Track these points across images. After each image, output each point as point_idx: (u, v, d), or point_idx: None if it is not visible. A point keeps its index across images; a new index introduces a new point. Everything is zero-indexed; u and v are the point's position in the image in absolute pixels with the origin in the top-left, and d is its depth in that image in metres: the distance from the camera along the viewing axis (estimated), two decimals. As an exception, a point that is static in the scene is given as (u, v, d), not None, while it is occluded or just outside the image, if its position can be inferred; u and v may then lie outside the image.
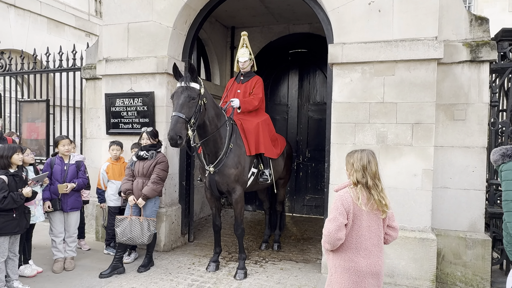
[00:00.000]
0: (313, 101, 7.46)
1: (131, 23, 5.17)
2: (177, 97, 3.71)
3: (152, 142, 4.41)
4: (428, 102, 3.97)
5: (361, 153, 2.41)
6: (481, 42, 4.03)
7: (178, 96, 3.70)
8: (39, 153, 6.25)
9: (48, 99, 6.25)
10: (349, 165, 2.43)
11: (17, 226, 3.65)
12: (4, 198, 3.48)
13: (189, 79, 3.76)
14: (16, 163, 3.68)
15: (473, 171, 4.08)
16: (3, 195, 3.48)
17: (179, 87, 3.77)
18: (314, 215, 7.29)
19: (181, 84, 3.76)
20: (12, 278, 3.76)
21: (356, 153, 2.42)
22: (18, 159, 3.69)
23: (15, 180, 3.64)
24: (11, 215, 3.58)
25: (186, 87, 3.72)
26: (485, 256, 3.98)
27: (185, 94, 3.68)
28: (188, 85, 3.73)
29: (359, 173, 2.35)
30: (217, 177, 4.17)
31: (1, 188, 3.50)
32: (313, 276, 4.23)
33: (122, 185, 4.36)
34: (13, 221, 3.60)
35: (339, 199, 2.32)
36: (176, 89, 3.81)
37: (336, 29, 4.28)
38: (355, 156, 2.41)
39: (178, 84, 3.80)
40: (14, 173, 3.67)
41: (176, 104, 3.68)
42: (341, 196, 2.33)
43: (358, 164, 2.36)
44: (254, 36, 7.55)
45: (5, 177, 3.57)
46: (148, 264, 4.39)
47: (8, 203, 3.50)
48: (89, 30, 11.83)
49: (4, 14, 9.21)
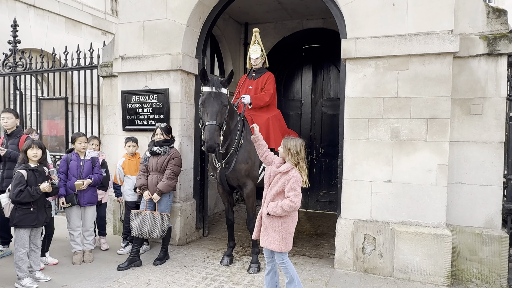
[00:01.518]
0: (326, 97, 7.43)
1: (146, 21, 5.26)
2: (209, 104, 3.67)
3: (166, 138, 4.47)
4: (443, 96, 3.91)
5: (296, 141, 3.13)
6: (498, 34, 3.94)
7: (210, 103, 3.67)
8: (59, 149, 6.44)
9: (66, 97, 6.42)
10: (285, 150, 3.12)
11: (36, 220, 3.77)
12: (20, 192, 3.62)
13: (218, 84, 3.74)
14: (29, 157, 3.81)
15: (490, 166, 4.01)
16: (19, 189, 3.62)
17: (209, 92, 3.71)
18: (328, 211, 7.29)
19: (211, 89, 3.70)
20: (35, 269, 3.91)
21: (292, 140, 3.13)
22: (32, 154, 3.80)
23: (34, 175, 3.77)
24: (28, 209, 3.72)
25: (217, 93, 3.68)
26: (502, 253, 3.92)
27: (218, 101, 3.68)
28: (219, 90, 3.71)
29: (295, 157, 3.08)
30: (227, 172, 4.23)
31: (19, 182, 3.64)
32: (326, 271, 4.25)
33: (137, 180, 4.46)
34: (31, 215, 3.73)
35: (298, 178, 3.04)
36: (206, 95, 3.73)
37: (349, 24, 4.25)
38: (291, 142, 3.11)
39: (207, 89, 3.73)
40: (35, 168, 3.80)
41: (210, 112, 3.66)
42: (297, 176, 3.05)
43: (294, 150, 3.08)
44: (267, 32, 7.57)
45: (24, 171, 3.71)
46: (163, 257, 4.49)
47: (24, 196, 3.64)
48: (105, 28, 12.04)
49: (24, 14, 9.46)
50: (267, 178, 3.22)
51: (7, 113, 4.61)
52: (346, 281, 3.99)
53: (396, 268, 4.06)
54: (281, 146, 3.20)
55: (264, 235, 3.19)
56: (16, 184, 3.64)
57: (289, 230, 3.14)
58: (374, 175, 4.17)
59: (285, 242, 3.11)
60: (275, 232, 3.11)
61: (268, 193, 3.17)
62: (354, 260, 4.23)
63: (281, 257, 3.17)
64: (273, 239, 3.12)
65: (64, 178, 4.40)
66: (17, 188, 3.62)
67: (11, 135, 4.58)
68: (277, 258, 3.20)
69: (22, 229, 3.74)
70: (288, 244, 3.14)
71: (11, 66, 6.92)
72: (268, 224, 3.15)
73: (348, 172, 4.27)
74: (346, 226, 4.26)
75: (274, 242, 3.11)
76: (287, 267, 3.19)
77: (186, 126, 5.29)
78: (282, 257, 3.17)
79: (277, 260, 3.20)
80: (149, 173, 4.44)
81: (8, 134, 4.59)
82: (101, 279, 3.98)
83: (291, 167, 3.09)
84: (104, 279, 3.99)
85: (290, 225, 3.15)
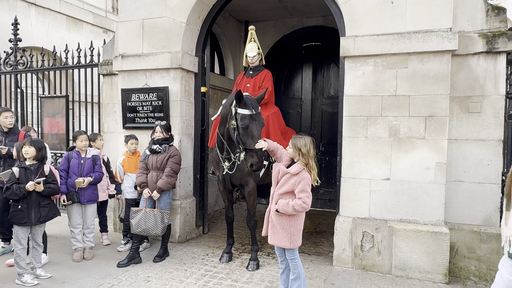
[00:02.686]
0: (327, 95, 7.44)
1: (146, 19, 5.27)
2: (253, 128, 3.72)
3: (165, 136, 4.50)
4: (442, 94, 3.92)
5: (305, 140, 3.09)
6: (497, 32, 3.93)
7: (254, 126, 3.73)
8: (60, 147, 6.48)
9: (67, 95, 6.45)
10: (296, 150, 3.08)
11: (25, 218, 3.74)
12: (7, 189, 3.70)
13: (255, 105, 3.78)
14: (23, 155, 3.84)
15: (488, 164, 4.02)
16: (7, 185, 3.70)
17: (250, 115, 3.73)
18: (328, 208, 7.31)
19: (251, 112, 3.73)
20: (36, 266, 3.95)
21: (301, 139, 3.09)
22: (24, 151, 3.83)
23: (26, 173, 3.79)
24: (17, 206, 3.75)
25: (257, 115, 3.74)
26: (500, 250, 3.92)
27: (260, 123, 3.76)
28: (258, 111, 3.77)
29: (306, 157, 3.06)
30: (232, 172, 4.25)
31: (9, 179, 3.72)
32: (325, 269, 4.27)
33: (137, 178, 4.48)
34: (20, 212, 3.73)
35: (309, 179, 3.04)
36: (247, 119, 3.72)
37: (348, 22, 4.26)
38: (301, 142, 3.07)
39: (247, 112, 3.73)
40: (27, 166, 3.83)
41: (256, 135, 3.72)
42: (308, 177, 3.04)
43: (304, 150, 3.05)
44: (267, 30, 7.57)
45: (16, 169, 3.77)
46: (163, 254, 4.52)
47: (10, 194, 3.70)
48: (106, 26, 12.05)
49: (25, 13, 9.49)
50: (275, 176, 3.21)
51: (8, 112, 4.70)
52: (345, 278, 4.01)
53: (394, 265, 4.08)
54: (289, 146, 3.17)
55: (272, 233, 3.20)
56: (7, 181, 3.73)
57: (297, 227, 3.17)
58: (372, 173, 4.18)
59: (293, 239, 3.13)
60: (283, 230, 3.13)
61: (276, 191, 3.17)
62: (352, 258, 4.25)
63: (292, 253, 3.20)
64: (281, 237, 3.14)
65: (65, 175, 4.44)
66: (6, 185, 3.71)
67: (9, 132, 4.64)
68: (287, 255, 3.23)
69: (16, 226, 3.79)
70: (297, 240, 3.16)
71: (12, 65, 6.95)
72: (276, 222, 3.15)
73: (347, 170, 4.28)
74: (345, 223, 4.28)
75: (282, 239, 3.13)
76: (297, 263, 3.22)
77: (186, 124, 5.31)
78: (293, 253, 3.21)
79: (288, 256, 3.22)
80: (149, 171, 4.47)
81: (6, 132, 4.64)
82: (101, 276, 4.01)
83: (301, 168, 3.05)
84: (104, 275, 4.03)
85: (298, 222, 3.17)
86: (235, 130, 3.82)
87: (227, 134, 4.10)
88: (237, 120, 3.77)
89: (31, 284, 3.74)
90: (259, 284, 3.84)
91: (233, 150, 4.10)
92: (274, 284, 3.83)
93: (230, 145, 4.13)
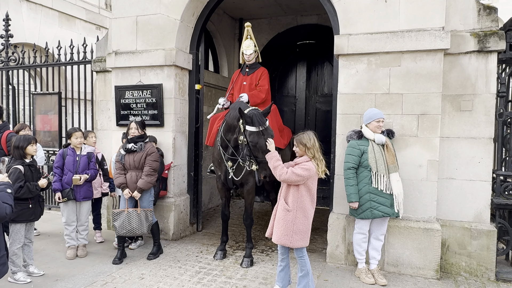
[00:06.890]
0: (321, 93, 7.47)
1: (140, 16, 5.24)
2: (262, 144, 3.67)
3: (140, 133, 4.34)
4: (434, 93, 3.96)
5: (308, 134, 3.25)
6: (489, 32, 3.98)
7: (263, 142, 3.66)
8: (52, 144, 6.43)
9: (60, 92, 6.40)
10: (302, 146, 3.23)
11: (33, 214, 3.83)
12: (20, 187, 3.62)
13: (262, 120, 3.71)
14: (30, 153, 3.82)
15: (479, 162, 4.07)
16: (19, 185, 3.62)
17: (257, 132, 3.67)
18: (321, 206, 7.31)
19: (258, 129, 3.68)
20: (28, 263, 3.93)
21: (304, 135, 3.24)
22: (33, 150, 3.82)
23: (31, 170, 3.78)
24: (27, 204, 3.74)
25: (264, 130, 3.70)
26: (490, 246, 3.99)
27: (269, 136, 3.70)
28: (265, 127, 3.71)
29: (311, 150, 3.22)
30: (233, 172, 4.26)
31: (18, 178, 3.63)
32: (318, 265, 4.31)
33: (115, 179, 4.36)
34: (28, 210, 3.77)
35: (309, 168, 3.17)
36: (255, 135, 3.67)
37: (342, 20, 4.28)
38: (304, 137, 3.22)
39: (254, 129, 3.67)
40: (30, 163, 3.81)
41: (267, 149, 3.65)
42: (311, 166, 3.19)
43: (310, 144, 3.21)
44: (262, 28, 7.57)
45: (21, 167, 3.71)
46: (157, 252, 4.52)
47: (24, 192, 3.65)
48: (99, 23, 11.96)
49: (17, 8, 9.38)
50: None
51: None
52: (338, 274, 4.05)
53: (386, 262, 4.12)
54: (295, 145, 3.28)
55: (275, 231, 3.26)
56: (15, 179, 3.60)
57: (301, 226, 3.21)
58: (366, 171, 4.20)
59: (295, 238, 3.20)
60: (285, 227, 3.18)
61: (283, 185, 3.32)
62: (345, 254, 4.29)
63: (300, 251, 3.27)
64: (281, 234, 3.19)
65: (59, 173, 4.40)
66: (16, 184, 3.60)
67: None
68: (296, 253, 3.30)
69: (18, 224, 3.76)
70: (301, 240, 3.22)
71: (3, 61, 6.87)
72: (280, 219, 3.22)
73: (340, 167, 4.30)
74: (338, 220, 4.31)
75: (284, 236, 3.18)
76: (305, 261, 3.29)
77: (180, 122, 5.30)
78: (301, 251, 3.27)
79: (297, 255, 3.30)
80: (127, 171, 4.34)
81: None
82: (95, 273, 4.00)
83: (307, 159, 3.21)
84: (97, 273, 4.01)
85: (302, 221, 3.22)
86: (245, 145, 3.76)
87: (234, 143, 4.05)
88: (246, 137, 3.72)
89: (24, 281, 3.72)
90: (253, 281, 3.86)
91: (238, 153, 4.08)
92: (268, 281, 3.85)
93: (236, 150, 4.11)
